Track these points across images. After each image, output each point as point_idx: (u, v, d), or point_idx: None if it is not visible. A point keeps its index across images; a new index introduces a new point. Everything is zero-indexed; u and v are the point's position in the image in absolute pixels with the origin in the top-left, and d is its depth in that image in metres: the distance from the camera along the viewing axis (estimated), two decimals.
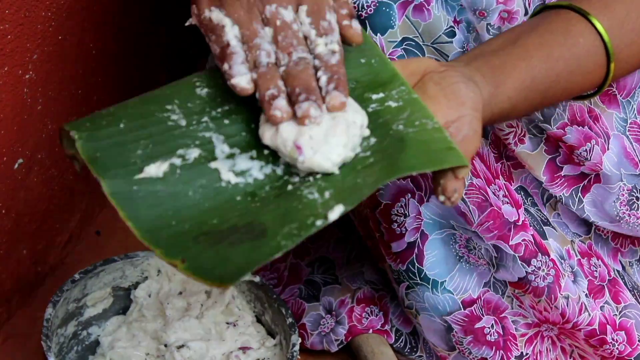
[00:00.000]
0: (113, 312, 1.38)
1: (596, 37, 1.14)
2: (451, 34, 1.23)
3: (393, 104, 1.05)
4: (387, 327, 1.40)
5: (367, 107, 1.04)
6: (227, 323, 1.36)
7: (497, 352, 1.30)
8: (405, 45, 1.22)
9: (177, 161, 0.99)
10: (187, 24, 1.05)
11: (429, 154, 1.00)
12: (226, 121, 1.03)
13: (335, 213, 0.94)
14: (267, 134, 1.00)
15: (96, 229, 1.56)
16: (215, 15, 1.02)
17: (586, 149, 1.26)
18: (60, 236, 1.48)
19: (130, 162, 0.98)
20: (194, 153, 1.00)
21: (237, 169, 1.00)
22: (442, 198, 1.00)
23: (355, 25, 1.03)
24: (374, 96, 1.06)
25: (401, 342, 1.40)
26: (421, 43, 1.23)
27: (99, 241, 1.55)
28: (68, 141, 1.01)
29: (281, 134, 0.98)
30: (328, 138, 0.98)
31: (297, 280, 1.48)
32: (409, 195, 1.24)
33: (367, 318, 1.40)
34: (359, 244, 1.47)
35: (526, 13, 1.23)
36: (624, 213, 1.30)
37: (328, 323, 1.40)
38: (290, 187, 0.99)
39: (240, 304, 1.38)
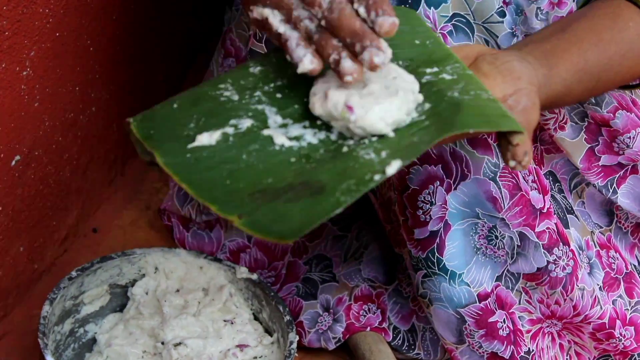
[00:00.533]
0: (110, 310, 1.38)
1: None
2: (502, 14, 1.24)
3: (447, 77, 1.05)
4: (384, 325, 1.40)
5: (421, 78, 1.05)
6: (225, 321, 1.36)
7: (508, 347, 1.30)
8: (455, 21, 1.22)
9: (230, 130, 1.01)
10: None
11: (485, 117, 1.01)
12: (279, 95, 1.04)
13: (393, 167, 0.94)
14: (317, 105, 1.01)
15: (93, 226, 1.55)
16: (257, 11, 1.03)
17: (630, 136, 1.27)
18: (57, 233, 1.48)
19: (183, 135, 1.01)
20: (246, 123, 1.02)
21: (291, 135, 1.01)
22: (512, 163, 1.01)
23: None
24: (428, 70, 1.06)
25: (399, 339, 1.40)
26: (472, 21, 1.23)
27: (96, 238, 1.54)
28: (142, 151, 1.02)
29: (331, 99, 1.00)
30: (380, 99, 0.99)
31: (294, 278, 1.48)
32: (438, 183, 1.24)
33: (364, 316, 1.40)
34: (357, 241, 1.47)
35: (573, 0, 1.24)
36: None
37: (325, 321, 1.40)
38: (345, 149, 0.99)
39: (237, 302, 1.38)
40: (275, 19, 1.02)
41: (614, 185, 1.30)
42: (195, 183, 0.97)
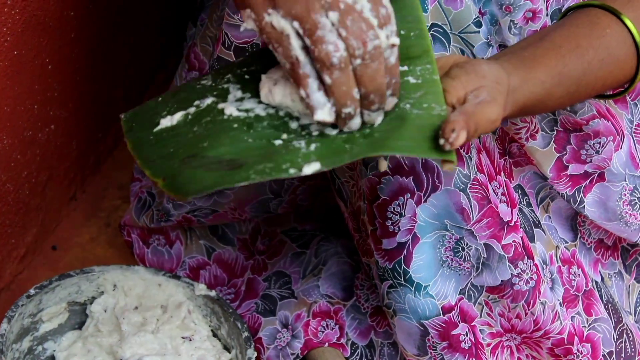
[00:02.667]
0: (69, 327, 1.37)
1: (623, 28, 1.17)
2: (478, 24, 1.24)
3: (412, 80, 1.06)
4: (342, 341, 1.40)
5: None
6: (183, 338, 1.36)
7: (470, 359, 1.30)
8: (432, 31, 1.22)
9: (192, 110, 1.07)
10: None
11: (420, 141, 1.01)
12: (247, 77, 1.08)
13: (311, 168, 0.96)
14: (264, 95, 1.04)
15: (52, 244, 1.55)
16: (276, 20, 0.99)
17: (600, 141, 1.28)
18: (16, 251, 1.47)
19: (153, 122, 1.07)
20: (208, 100, 1.07)
21: (242, 107, 1.05)
22: (441, 141, 1.00)
23: None
24: (399, 68, 1.06)
25: (357, 355, 1.41)
26: (449, 31, 1.23)
27: (55, 256, 1.54)
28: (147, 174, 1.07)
29: (278, 93, 1.03)
30: None
31: (254, 295, 1.48)
32: (408, 195, 1.24)
33: (322, 332, 1.40)
34: (316, 257, 1.47)
35: (547, 14, 1.25)
36: (626, 212, 1.32)
37: (284, 337, 1.40)
38: (284, 135, 1.02)
39: (196, 319, 1.38)
40: (296, 41, 0.99)
41: (581, 194, 1.31)
42: (146, 158, 1.04)
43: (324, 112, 1.00)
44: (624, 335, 1.38)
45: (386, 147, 1.00)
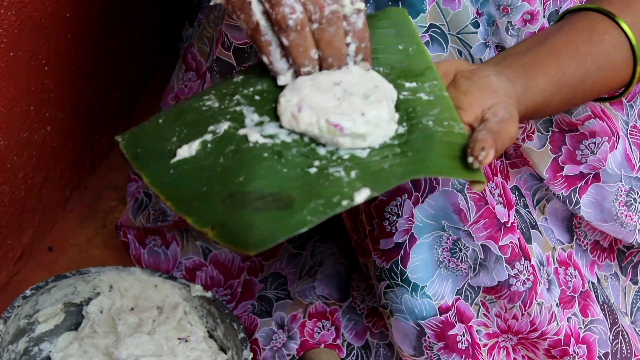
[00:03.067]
0: (65, 328, 1.37)
1: (620, 34, 1.17)
2: (476, 24, 1.24)
3: (424, 97, 1.06)
4: (338, 342, 1.41)
5: (399, 93, 1.06)
6: (179, 339, 1.36)
7: (467, 359, 1.30)
8: (431, 32, 1.23)
9: (209, 137, 1.03)
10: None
11: (453, 161, 1.02)
12: (257, 97, 1.06)
13: (362, 196, 0.95)
14: (287, 121, 1.03)
15: (48, 245, 1.55)
16: None
17: (595, 141, 1.28)
18: (12, 252, 1.47)
19: (166, 151, 1.02)
20: (224, 126, 1.03)
21: (265, 133, 1.02)
22: (470, 159, 1.01)
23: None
24: (407, 84, 1.08)
25: (353, 356, 1.41)
26: (446, 32, 1.24)
27: (51, 257, 1.54)
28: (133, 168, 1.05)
29: (303, 120, 1.01)
30: (365, 113, 1.02)
31: (250, 296, 1.48)
32: (406, 195, 1.24)
33: (318, 333, 1.41)
34: (312, 258, 1.48)
35: (544, 15, 1.25)
36: (622, 213, 1.32)
37: (280, 338, 1.41)
38: (317, 162, 1.00)
39: (192, 320, 1.38)
40: (257, 7, 1.03)
41: (577, 195, 1.31)
42: (176, 198, 0.99)
43: (287, 79, 1.04)
44: (620, 336, 1.38)
45: (428, 169, 1.00)
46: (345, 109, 1.01)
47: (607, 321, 1.36)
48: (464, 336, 1.28)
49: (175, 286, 1.39)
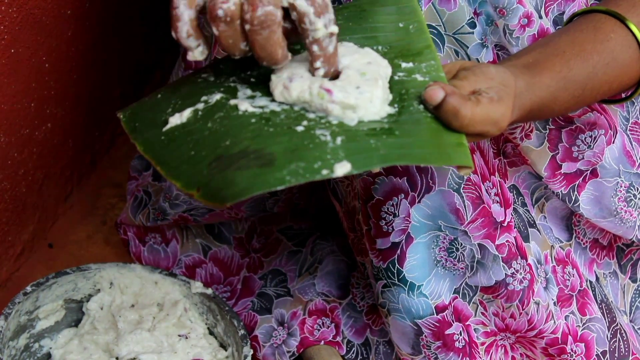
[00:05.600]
0: (65, 325, 1.38)
1: (627, 33, 1.17)
2: (472, 25, 1.24)
3: (420, 78, 1.06)
4: (338, 339, 1.41)
5: (395, 74, 1.06)
6: (179, 335, 1.36)
7: (464, 358, 1.29)
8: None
9: (200, 105, 1.04)
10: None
11: (439, 148, 1.01)
12: (253, 79, 1.07)
13: (342, 169, 0.95)
14: (278, 94, 1.03)
15: (48, 241, 1.55)
16: None
17: (592, 135, 1.28)
18: (12, 249, 1.47)
19: (160, 121, 1.04)
20: (216, 96, 1.04)
21: (256, 104, 1.03)
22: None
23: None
24: (404, 64, 1.07)
25: (352, 353, 1.41)
26: (443, 32, 1.24)
27: (52, 254, 1.54)
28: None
29: (295, 89, 1.01)
30: (360, 87, 1.01)
31: (250, 293, 1.48)
32: (402, 195, 1.24)
33: (318, 330, 1.41)
34: (312, 256, 1.48)
35: (540, 17, 1.25)
36: (621, 209, 1.32)
37: (280, 335, 1.41)
38: (304, 122, 1.00)
39: (192, 316, 1.38)
40: None
41: (575, 192, 1.32)
42: (166, 162, 1.01)
43: (197, 53, 1.03)
44: (618, 334, 1.38)
45: (410, 156, 1.00)
46: (342, 81, 1.02)
47: (605, 319, 1.37)
48: (461, 335, 1.29)
49: (176, 283, 1.39)
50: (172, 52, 1.71)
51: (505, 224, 1.25)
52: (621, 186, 1.31)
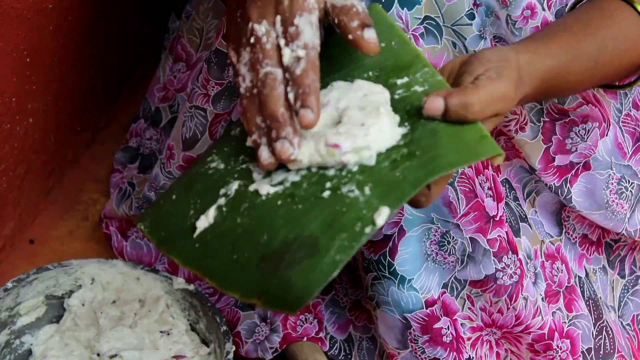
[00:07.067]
0: (46, 321, 1.37)
1: (632, 12, 1.18)
2: (471, 16, 1.24)
3: (419, 89, 1.06)
4: (321, 335, 1.41)
5: (394, 93, 1.05)
6: (161, 332, 1.36)
7: (451, 353, 1.30)
8: (426, 23, 1.22)
9: (222, 201, 1.02)
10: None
11: (464, 147, 1.01)
12: None
13: (383, 217, 0.95)
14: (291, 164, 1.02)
15: (30, 237, 1.55)
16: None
17: (585, 127, 1.28)
18: None
19: (187, 226, 1.02)
20: (234, 186, 1.02)
21: (275, 181, 1.01)
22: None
23: (368, 34, 1.02)
24: (399, 81, 1.07)
25: (335, 349, 1.41)
26: (441, 24, 1.23)
27: (33, 249, 1.54)
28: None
29: (304, 154, 1.00)
30: (365, 124, 1.00)
31: None
32: None
33: (301, 326, 1.41)
34: None
35: (543, 9, 1.25)
36: (613, 201, 1.32)
37: (263, 331, 1.41)
38: (328, 184, 0.99)
39: (174, 312, 1.38)
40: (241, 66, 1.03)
41: (568, 185, 1.32)
42: (212, 272, 1.00)
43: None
44: (604, 332, 1.38)
45: (441, 166, 0.99)
46: (345, 125, 1.00)
47: (592, 316, 1.37)
48: (448, 329, 1.29)
49: (158, 279, 1.38)
50: (155, 47, 1.71)
51: (497, 218, 1.26)
52: (613, 178, 1.31)
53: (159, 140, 1.57)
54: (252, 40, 1.02)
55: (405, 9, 1.21)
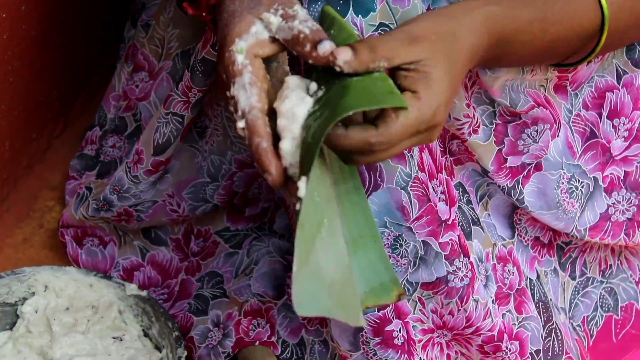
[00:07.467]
0: (0, 328, 1.37)
1: None
2: None
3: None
4: (273, 339, 1.41)
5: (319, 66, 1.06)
6: (114, 337, 1.36)
7: (402, 355, 1.30)
8: (380, 30, 1.21)
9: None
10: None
11: (369, 95, 1.02)
12: None
13: (302, 190, 1.00)
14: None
15: None
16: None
17: (537, 129, 1.29)
18: None
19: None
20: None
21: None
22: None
23: (322, 50, 1.04)
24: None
25: (287, 353, 1.42)
26: None
27: None
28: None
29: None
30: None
31: (187, 295, 1.48)
32: None
33: (254, 330, 1.41)
34: (248, 257, 1.48)
35: None
36: (564, 200, 1.33)
37: (215, 336, 1.41)
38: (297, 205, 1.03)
39: (127, 318, 1.38)
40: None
41: (520, 185, 1.33)
42: (317, 309, 1.01)
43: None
44: (553, 334, 1.39)
45: (340, 110, 1.00)
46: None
47: (541, 319, 1.38)
48: (400, 332, 1.29)
49: (111, 285, 1.39)
50: (110, 56, 1.71)
51: (449, 222, 1.26)
52: (563, 178, 1.33)
53: (121, 148, 1.56)
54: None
55: (360, 15, 1.22)
